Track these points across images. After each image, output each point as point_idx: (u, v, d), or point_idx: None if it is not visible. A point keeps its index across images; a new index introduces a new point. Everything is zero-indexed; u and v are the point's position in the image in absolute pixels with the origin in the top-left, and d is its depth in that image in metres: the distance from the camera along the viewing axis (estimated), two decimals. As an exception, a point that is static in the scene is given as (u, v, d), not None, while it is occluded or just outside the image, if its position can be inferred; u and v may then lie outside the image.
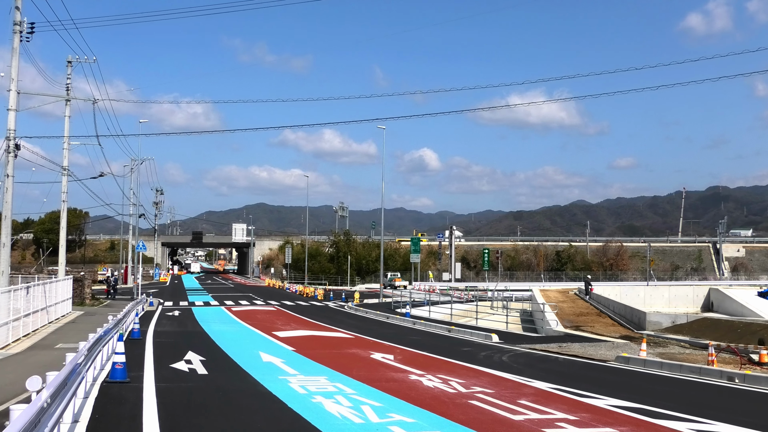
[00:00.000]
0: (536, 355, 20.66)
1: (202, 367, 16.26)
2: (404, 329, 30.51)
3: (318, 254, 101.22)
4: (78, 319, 33.62)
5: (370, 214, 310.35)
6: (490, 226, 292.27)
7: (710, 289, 60.76)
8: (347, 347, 21.91)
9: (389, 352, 20.30)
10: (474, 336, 26.98)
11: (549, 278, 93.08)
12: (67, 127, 41.57)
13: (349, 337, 25.96)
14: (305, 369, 16.13)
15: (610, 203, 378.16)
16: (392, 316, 37.02)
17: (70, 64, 42.21)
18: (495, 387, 13.78)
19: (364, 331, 28.52)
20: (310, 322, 33.01)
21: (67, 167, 41.88)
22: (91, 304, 43.77)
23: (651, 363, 18.12)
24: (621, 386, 14.63)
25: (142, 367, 15.79)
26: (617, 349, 23.23)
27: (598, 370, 17.50)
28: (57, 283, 33.03)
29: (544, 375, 15.75)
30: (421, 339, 25.65)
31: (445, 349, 21.94)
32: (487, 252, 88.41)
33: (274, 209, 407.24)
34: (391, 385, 13.74)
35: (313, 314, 38.75)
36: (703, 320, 30.85)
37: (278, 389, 13.09)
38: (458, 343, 24.68)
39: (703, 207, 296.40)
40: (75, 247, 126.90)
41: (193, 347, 20.70)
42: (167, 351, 19.77)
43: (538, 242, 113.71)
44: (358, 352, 20.19)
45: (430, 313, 39.24)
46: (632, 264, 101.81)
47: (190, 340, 23.83)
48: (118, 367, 13.13)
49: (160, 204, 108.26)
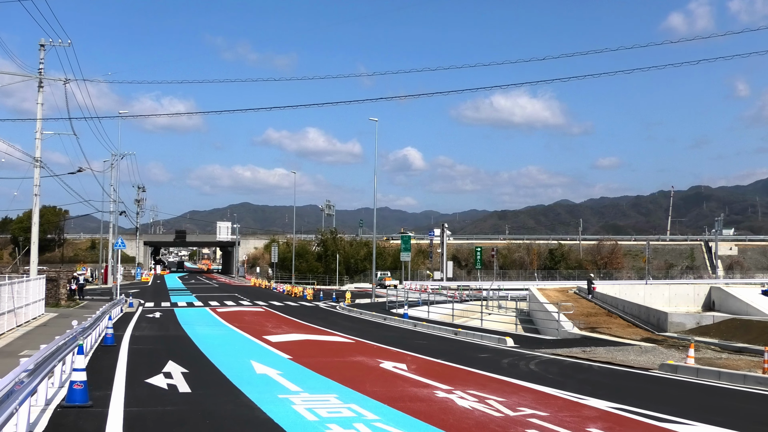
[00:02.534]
0: (566, 363, 18.14)
1: (184, 382, 13.56)
2: (406, 332, 27.97)
3: (305, 253, 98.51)
4: (50, 321, 30.98)
5: (355, 213, 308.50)
6: (475, 226, 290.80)
7: (711, 288, 59.30)
8: (350, 354, 19.30)
9: (399, 359, 17.72)
10: (485, 340, 24.49)
11: (542, 277, 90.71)
12: (39, 114, 38.78)
13: (349, 341, 23.37)
14: (309, 384, 13.49)
15: (594, 203, 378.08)
16: (389, 318, 34.52)
17: (43, 48, 39.40)
18: (545, 407, 11.24)
19: (362, 334, 25.96)
20: (302, 325, 30.40)
21: (39, 159, 39.08)
22: (67, 305, 40.97)
23: (706, 372, 15.64)
24: (700, 405, 12.10)
25: (111, 384, 13.05)
26: (648, 354, 20.82)
27: (651, 382, 14.98)
28: (28, 283, 30.26)
29: (592, 389, 13.23)
30: (428, 343, 23.13)
31: (460, 355, 19.41)
32: (479, 250, 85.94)
33: (259, 209, 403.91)
34: (419, 407, 11.14)
35: (304, 315, 36.15)
36: (731, 321, 28.49)
37: (281, 415, 10.42)
38: (471, 348, 22.16)
39: (685, 207, 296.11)
40: (54, 247, 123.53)
41: (174, 355, 18.03)
42: (144, 361, 17.08)
43: (530, 241, 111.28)
44: (365, 361, 17.58)
45: (429, 314, 36.70)
46: (625, 262, 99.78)
47: (172, 346, 21.15)
48: (77, 388, 10.41)
49: (142, 202, 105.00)
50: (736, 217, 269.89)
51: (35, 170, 38.82)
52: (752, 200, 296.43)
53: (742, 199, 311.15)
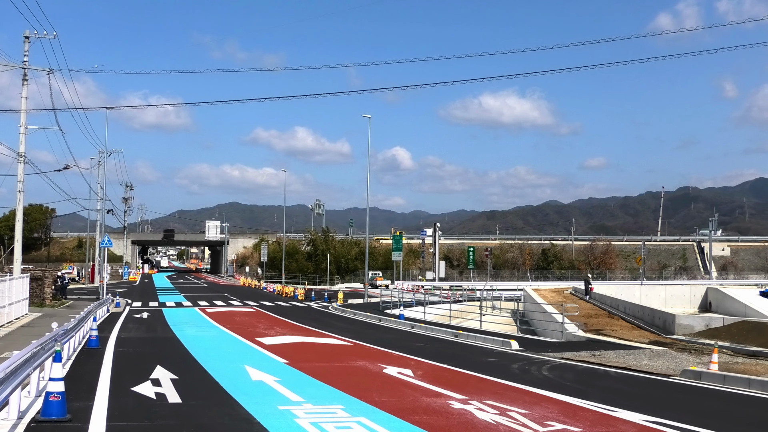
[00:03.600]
0: (580, 368, 17.07)
1: (173, 390, 12.37)
2: (404, 334, 26.89)
3: (295, 253, 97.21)
4: (34, 322, 29.71)
5: (344, 213, 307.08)
6: (464, 226, 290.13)
7: (708, 289, 58.46)
8: (350, 358, 18.16)
9: (403, 364, 16.62)
10: (488, 342, 23.43)
11: (535, 277, 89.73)
12: (23, 106, 37.47)
13: (347, 344, 22.25)
14: (311, 393, 12.32)
15: (582, 203, 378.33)
16: (384, 318, 33.47)
17: (28, 40, 38.18)
18: (575, 420, 10.15)
19: (359, 336, 24.85)
20: (296, 326, 29.26)
21: (23, 154, 37.80)
22: (52, 304, 39.64)
23: (734, 380, 14.59)
24: (744, 419, 11.04)
25: (94, 393, 11.83)
26: (661, 358, 19.78)
27: (679, 391, 13.92)
28: (11, 282, 28.96)
29: (620, 400, 12.14)
30: (429, 346, 22.06)
31: (465, 359, 18.34)
32: (472, 250, 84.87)
33: (247, 208, 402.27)
34: (437, 421, 10.01)
35: (296, 316, 35.02)
36: (742, 323, 27.53)
37: (284, 431, 9.31)
38: (475, 351, 21.09)
39: (673, 207, 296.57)
40: (41, 245, 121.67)
41: (163, 360, 16.85)
42: (130, 366, 15.90)
43: (522, 241, 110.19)
44: (367, 366, 16.46)
45: (425, 315, 35.61)
46: (618, 263, 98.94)
47: (160, 349, 19.97)
48: (54, 400, 9.21)
49: (130, 200, 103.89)
50: (724, 218, 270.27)
51: (19, 165, 37.53)
52: (740, 201, 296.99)
53: (730, 201, 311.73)
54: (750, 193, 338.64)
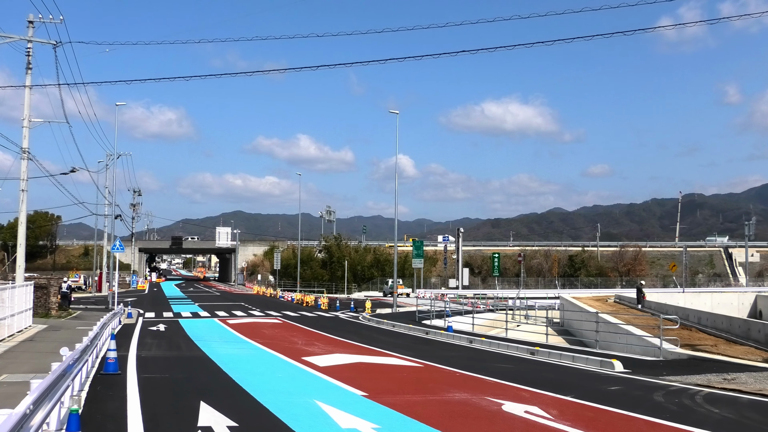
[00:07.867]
0: (742, 401, 13.18)
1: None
2: (469, 351, 23.07)
3: (309, 260, 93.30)
4: (38, 335, 26.15)
5: (348, 221, 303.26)
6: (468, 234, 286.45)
7: (757, 296, 56.20)
8: (440, 388, 14.25)
9: (517, 398, 12.76)
10: (579, 362, 19.60)
11: (563, 285, 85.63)
12: (27, 98, 33.82)
13: (416, 365, 18.35)
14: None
15: (587, 210, 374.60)
16: (431, 331, 29.71)
17: (32, 25, 34.58)
18: None
19: (419, 354, 21.00)
20: (339, 341, 25.41)
21: (27, 149, 34.16)
22: (58, 315, 35.98)
23: None
24: None
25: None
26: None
27: None
28: (13, 290, 25.30)
29: None
30: (515, 368, 18.24)
31: (579, 387, 14.53)
32: (497, 257, 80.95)
33: (251, 217, 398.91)
34: None
35: (331, 329, 31.22)
36: None
37: None
38: (578, 375, 17.24)
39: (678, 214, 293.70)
40: (46, 253, 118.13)
41: (205, 393, 12.99)
42: (164, 404, 12.05)
43: (548, 247, 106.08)
44: (474, 401, 12.55)
45: (474, 327, 31.77)
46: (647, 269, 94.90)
47: (195, 374, 16.12)
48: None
49: (138, 206, 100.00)
50: (731, 224, 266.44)
51: (22, 162, 33.87)
52: (746, 208, 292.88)
53: (736, 207, 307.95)
54: (756, 200, 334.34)
